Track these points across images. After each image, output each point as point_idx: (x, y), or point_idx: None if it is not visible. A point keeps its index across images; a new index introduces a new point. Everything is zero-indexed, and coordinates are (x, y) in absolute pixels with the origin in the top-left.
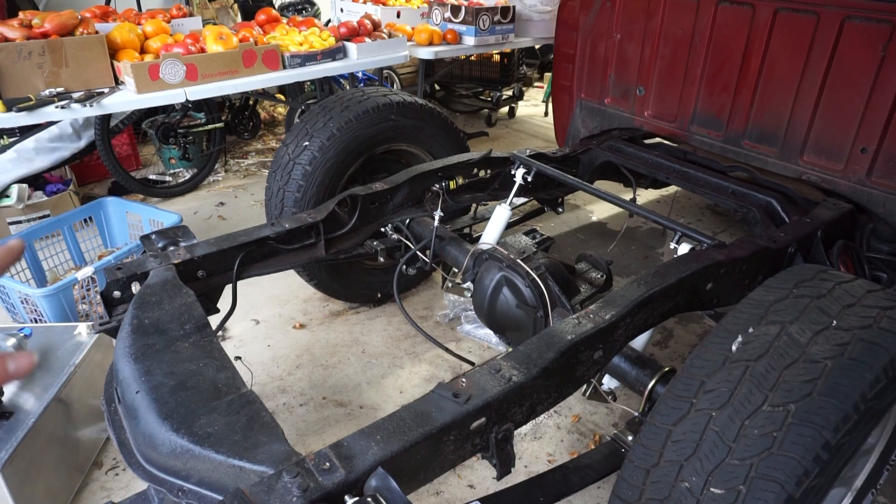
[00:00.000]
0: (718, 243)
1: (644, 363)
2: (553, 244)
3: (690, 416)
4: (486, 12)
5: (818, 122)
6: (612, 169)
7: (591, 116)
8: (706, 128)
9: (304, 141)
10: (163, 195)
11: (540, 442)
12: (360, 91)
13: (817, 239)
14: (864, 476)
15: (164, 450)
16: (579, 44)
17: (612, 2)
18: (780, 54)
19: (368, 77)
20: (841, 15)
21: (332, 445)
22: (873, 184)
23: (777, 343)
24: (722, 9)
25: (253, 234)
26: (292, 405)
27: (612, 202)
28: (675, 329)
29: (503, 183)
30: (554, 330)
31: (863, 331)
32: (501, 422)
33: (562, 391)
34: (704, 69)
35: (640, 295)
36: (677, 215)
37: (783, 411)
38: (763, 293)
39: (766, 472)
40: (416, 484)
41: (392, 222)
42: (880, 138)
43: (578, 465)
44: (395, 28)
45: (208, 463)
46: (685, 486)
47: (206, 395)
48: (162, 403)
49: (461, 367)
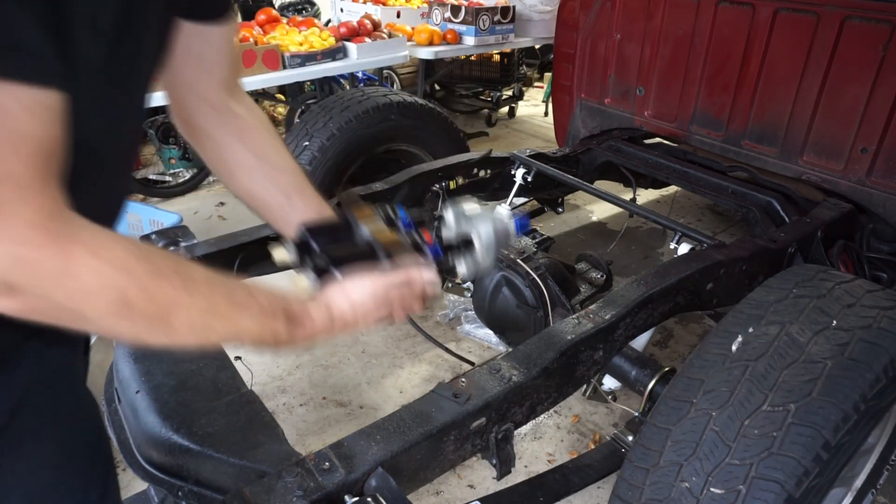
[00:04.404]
0: (718, 243)
1: (644, 363)
2: (553, 244)
3: (690, 416)
4: (486, 12)
5: (818, 122)
6: (612, 169)
7: (591, 116)
8: (706, 128)
9: (304, 141)
10: (163, 195)
11: (540, 442)
12: (360, 91)
13: (817, 239)
14: (864, 476)
15: (164, 450)
16: (579, 44)
17: (612, 2)
18: (780, 54)
19: (368, 77)
20: (841, 15)
21: (332, 445)
22: (873, 184)
23: (777, 343)
24: (722, 9)
25: (253, 234)
26: (292, 405)
27: (612, 202)
28: (675, 329)
29: (503, 183)
30: (554, 330)
31: (863, 331)
32: (501, 422)
33: (562, 391)
34: (704, 69)
35: (640, 295)
36: (677, 215)
37: (783, 411)
38: (763, 293)
39: (766, 473)
40: (416, 484)
41: None
42: (880, 138)
43: (578, 465)
44: (395, 28)
45: (208, 463)
46: (685, 486)
47: (206, 395)
48: (162, 403)
49: (461, 367)
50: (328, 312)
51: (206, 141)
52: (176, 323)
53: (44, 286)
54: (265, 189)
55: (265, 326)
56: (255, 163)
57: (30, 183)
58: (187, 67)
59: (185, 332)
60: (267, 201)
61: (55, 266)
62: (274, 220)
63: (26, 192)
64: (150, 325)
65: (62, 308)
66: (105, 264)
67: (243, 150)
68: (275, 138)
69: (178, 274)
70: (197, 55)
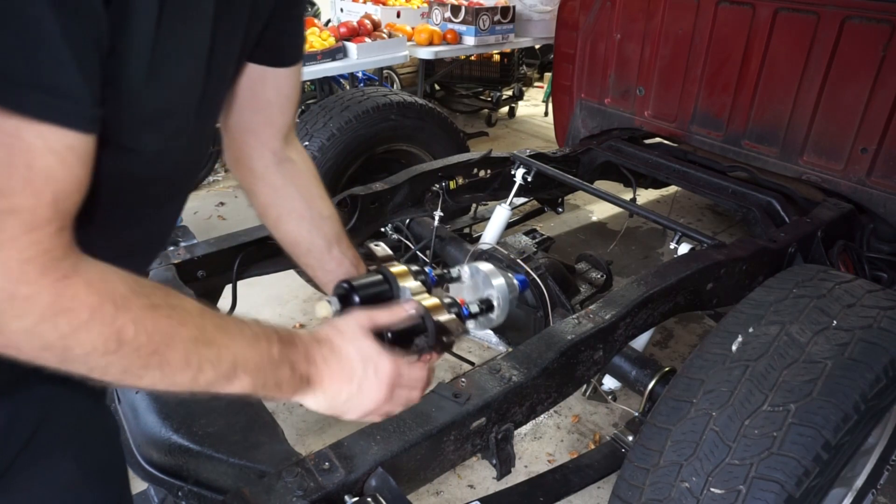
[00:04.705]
0: (718, 243)
1: (644, 363)
2: (553, 244)
3: (690, 416)
4: (486, 12)
5: (818, 122)
6: (612, 169)
7: (591, 116)
8: (706, 128)
9: (304, 141)
10: None
11: (540, 442)
12: (360, 91)
13: (817, 239)
14: (865, 476)
15: (163, 450)
16: (579, 44)
17: (612, 2)
18: (780, 54)
19: (368, 77)
20: (841, 15)
21: (332, 445)
22: (873, 184)
23: (777, 343)
24: (722, 9)
25: (253, 234)
26: (292, 405)
27: (612, 202)
28: (675, 329)
29: (503, 183)
30: (554, 330)
31: (863, 331)
32: (501, 422)
33: (562, 391)
34: (704, 69)
35: (640, 295)
36: (677, 215)
37: (783, 411)
38: (763, 293)
39: (766, 473)
40: (416, 484)
41: (392, 222)
42: (880, 138)
43: (578, 465)
44: (395, 28)
45: (208, 463)
46: (685, 486)
47: (205, 394)
48: (162, 403)
49: (461, 367)
50: (331, 343)
51: (261, 185)
52: (169, 355)
53: (34, 322)
54: (310, 236)
55: (260, 350)
56: (306, 211)
57: (36, 220)
58: (250, 112)
59: (179, 366)
60: (310, 248)
61: (48, 302)
62: (311, 267)
63: (30, 229)
64: (143, 360)
65: (47, 347)
66: (102, 299)
67: (298, 198)
68: (321, 186)
69: (172, 307)
70: (265, 101)
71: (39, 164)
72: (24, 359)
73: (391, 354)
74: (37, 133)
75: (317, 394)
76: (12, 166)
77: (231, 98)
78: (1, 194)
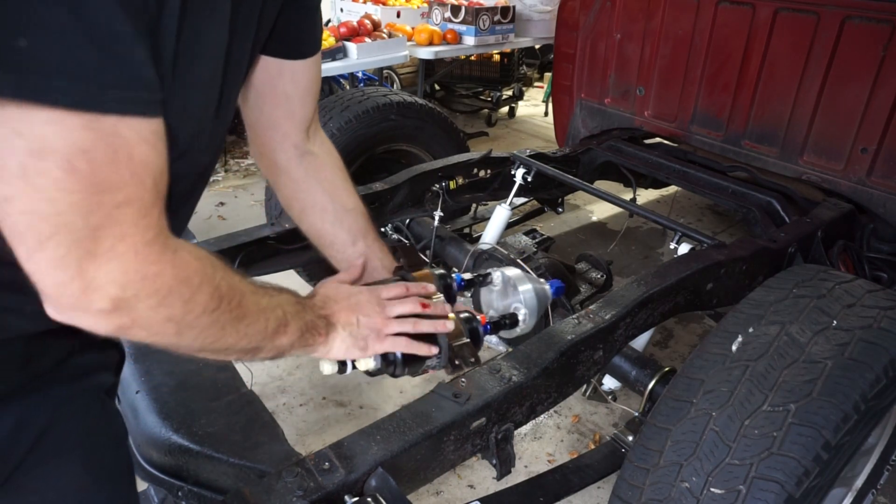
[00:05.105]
0: (718, 243)
1: (644, 363)
2: (553, 244)
3: (690, 416)
4: (486, 12)
5: (818, 122)
6: (612, 169)
7: (591, 116)
8: (706, 128)
9: None
10: None
11: (540, 442)
12: (360, 91)
13: (817, 239)
14: (865, 476)
15: (163, 450)
16: (579, 44)
17: (612, 2)
18: (780, 54)
19: (368, 77)
20: (841, 15)
21: (332, 445)
22: (873, 184)
23: (777, 343)
24: (722, 9)
25: (253, 234)
26: (292, 405)
27: (612, 202)
28: (675, 329)
29: (503, 183)
30: (554, 330)
31: (863, 331)
32: (501, 422)
33: (562, 391)
34: (704, 69)
35: (640, 295)
36: (677, 215)
37: (783, 411)
38: (763, 293)
39: (766, 473)
40: (416, 484)
41: (392, 222)
42: (880, 138)
43: (578, 465)
44: (395, 28)
45: (208, 463)
46: (685, 486)
47: (206, 395)
48: (162, 403)
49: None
50: (318, 293)
51: (284, 178)
52: (246, 306)
53: (164, 295)
54: (334, 230)
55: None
56: (329, 204)
57: (145, 205)
58: (270, 106)
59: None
60: (333, 242)
61: (173, 274)
62: (336, 260)
63: (144, 214)
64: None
65: (170, 317)
66: (203, 263)
67: (320, 192)
68: (346, 178)
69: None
70: (283, 94)
71: (138, 155)
72: (140, 337)
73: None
74: (129, 126)
75: (339, 331)
76: (118, 162)
77: (250, 92)
78: (115, 188)
